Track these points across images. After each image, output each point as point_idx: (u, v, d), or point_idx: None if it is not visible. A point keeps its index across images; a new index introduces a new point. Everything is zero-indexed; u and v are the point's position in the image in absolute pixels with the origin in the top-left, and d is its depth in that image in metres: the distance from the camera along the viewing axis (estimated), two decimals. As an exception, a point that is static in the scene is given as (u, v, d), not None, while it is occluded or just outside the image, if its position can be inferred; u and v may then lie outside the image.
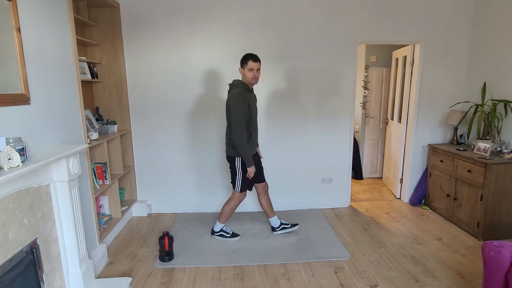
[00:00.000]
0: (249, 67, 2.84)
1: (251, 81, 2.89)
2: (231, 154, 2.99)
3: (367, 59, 4.94)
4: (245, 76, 2.88)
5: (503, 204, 3.05)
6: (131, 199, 3.82)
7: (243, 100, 2.82)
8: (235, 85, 2.91)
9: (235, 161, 2.98)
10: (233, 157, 2.98)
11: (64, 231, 2.14)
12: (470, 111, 3.62)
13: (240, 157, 2.93)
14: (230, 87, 2.95)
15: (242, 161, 2.94)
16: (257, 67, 2.87)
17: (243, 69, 2.88)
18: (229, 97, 2.89)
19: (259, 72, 2.90)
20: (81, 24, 3.16)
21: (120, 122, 3.60)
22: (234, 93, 2.86)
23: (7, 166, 1.54)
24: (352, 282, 2.52)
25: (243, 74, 2.89)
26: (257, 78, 2.89)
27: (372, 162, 5.22)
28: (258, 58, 2.87)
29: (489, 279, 1.91)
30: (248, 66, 2.84)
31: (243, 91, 2.87)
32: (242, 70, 2.89)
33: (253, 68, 2.84)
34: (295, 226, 3.33)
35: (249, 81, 2.88)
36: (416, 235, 3.27)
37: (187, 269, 2.70)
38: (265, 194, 3.22)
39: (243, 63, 2.88)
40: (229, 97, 2.88)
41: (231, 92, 2.91)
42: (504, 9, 3.34)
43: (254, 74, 2.86)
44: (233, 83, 2.94)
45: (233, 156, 2.97)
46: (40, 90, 2.06)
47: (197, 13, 3.47)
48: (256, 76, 2.88)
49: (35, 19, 2.03)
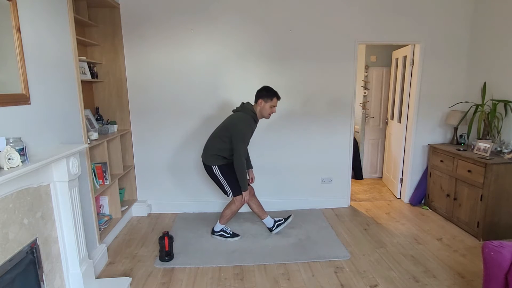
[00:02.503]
0: (272, 104, 2.90)
1: (267, 116, 2.95)
2: (208, 163, 2.99)
3: (367, 59, 4.94)
4: (263, 109, 2.91)
5: (503, 204, 3.05)
6: (131, 199, 3.82)
7: (248, 130, 2.88)
8: (246, 110, 2.92)
9: (213, 170, 2.98)
10: (210, 166, 2.98)
11: (64, 231, 2.14)
12: (470, 111, 3.62)
13: (217, 165, 2.95)
14: (240, 108, 2.96)
15: (219, 167, 2.95)
16: (277, 105, 2.96)
17: (264, 102, 2.90)
18: (236, 120, 2.89)
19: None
20: (81, 24, 3.16)
21: (120, 122, 3.61)
22: (242, 119, 2.88)
23: (7, 166, 1.54)
24: (352, 282, 2.52)
25: (262, 106, 2.91)
26: (271, 114, 2.98)
27: (372, 162, 5.22)
28: (280, 97, 2.96)
29: (489, 279, 1.92)
30: (272, 102, 2.90)
31: (251, 120, 2.90)
32: (261, 102, 2.90)
33: (275, 105, 2.92)
34: (288, 218, 3.32)
35: (266, 116, 2.94)
36: (416, 235, 3.27)
37: (187, 269, 2.70)
38: (253, 197, 3.22)
39: (266, 97, 2.89)
40: (236, 121, 2.88)
41: (239, 115, 2.92)
42: (504, 9, 3.34)
43: (274, 111, 2.94)
44: (245, 107, 2.94)
45: (210, 165, 2.98)
46: (40, 90, 2.06)
47: (197, 13, 3.47)
48: (274, 113, 2.96)
49: (35, 19, 2.03)
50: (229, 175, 2.97)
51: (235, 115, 2.96)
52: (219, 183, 3.03)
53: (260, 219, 3.30)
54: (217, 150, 2.94)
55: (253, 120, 2.92)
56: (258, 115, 2.95)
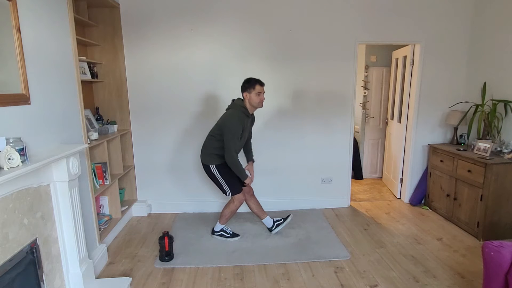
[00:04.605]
0: (257, 91, 2.86)
1: (259, 105, 2.91)
2: (205, 162, 3.00)
3: (367, 59, 4.94)
4: (251, 100, 2.88)
5: (503, 204, 3.05)
6: (131, 199, 3.82)
7: (238, 126, 2.84)
8: (236, 106, 2.91)
9: (210, 169, 2.99)
10: (208, 165, 2.99)
11: (64, 231, 2.14)
12: (470, 111, 3.62)
13: (214, 165, 2.95)
14: (231, 106, 2.97)
15: (217, 166, 2.96)
16: (264, 90, 2.90)
17: (248, 94, 2.87)
18: (226, 117, 2.90)
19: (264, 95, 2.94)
20: (81, 24, 3.16)
21: (120, 122, 3.60)
22: (232, 115, 2.87)
23: (7, 166, 1.54)
24: (352, 282, 2.52)
25: (249, 98, 2.88)
26: (263, 101, 2.92)
27: (372, 162, 5.22)
28: (263, 82, 2.91)
29: (489, 279, 1.91)
30: (256, 90, 2.85)
31: (241, 115, 2.88)
32: (247, 95, 2.88)
33: (260, 91, 2.88)
34: (287, 218, 3.32)
35: (256, 105, 2.91)
36: (416, 235, 3.27)
37: (187, 269, 2.70)
38: (252, 197, 3.22)
39: (248, 88, 2.87)
40: (226, 118, 2.89)
41: (229, 112, 2.93)
42: (504, 9, 3.34)
43: (262, 98, 2.89)
44: (235, 103, 2.94)
45: (208, 164, 2.99)
46: (40, 90, 2.06)
47: (197, 13, 3.47)
48: (263, 100, 2.91)
49: (35, 19, 2.03)
50: (227, 174, 2.98)
51: (226, 113, 2.97)
52: (217, 182, 3.04)
53: (260, 219, 3.30)
54: (213, 149, 2.95)
55: (244, 115, 2.90)
56: (249, 108, 2.93)
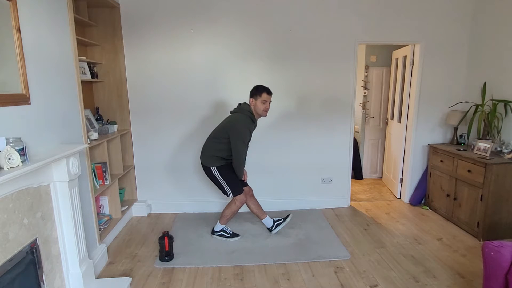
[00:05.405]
0: (263, 99, 2.87)
1: (263, 113, 2.93)
2: (207, 164, 2.99)
3: (367, 59, 4.94)
4: (256, 107, 2.90)
5: (503, 204, 3.05)
6: (131, 199, 3.82)
7: (246, 130, 2.86)
8: (244, 110, 2.92)
9: (211, 171, 2.99)
10: (209, 167, 2.99)
11: (64, 231, 2.14)
12: (470, 111, 3.62)
13: (215, 166, 2.95)
14: (238, 109, 2.96)
15: (218, 168, 2.96)
16: (270, 99, 2.92)
17: (254, 100, 2.90)
18: (233, 121, 2.90)
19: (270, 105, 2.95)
20: (81, 24, 3.16)
21: (120, 122, 3.60)
22: (239, 119, 2.87)
23: (7, 166, 1.54)
24: (352, 282, 2.52)
25: (254, 105, 2.91)
26: (267, 110, 2.93)
27: (372, 162, 5.22)
28: (271, 91, 2.92)
29: (489, 279, 1.91)
30: (262, 98, 2.87)
31: (248, 120, 2.89)
32: (253, 101, 2.91)
33: (266, 100, 2.89)
34: (287, 218, 3.32)
35: (260, 113, 2.92)
36: (416, 235, 3.27)
37: (187, 269, 2.70)
38: (251, 198, 3.22)
39: (255, 94, 2.89)
40: (234, 121, 2.88)
41: (236, 116, 2.92)
42: (504, 9, 3.34)
43: (267, 106, 2.90)
44: (242, 107, 2.94)
45: (209, 166, 2.98)
46: (40, 90, 2.06)
47: (197, 13, 3.47)
48: (268, 109, 2.92)
49: (35, 19, 2.03)
50: (228, 176, 2.97)
51: (233, 116, 2.96)
52: (218, 184, 3.04)
53: (259, 219, 3.30)
54: (215, 151, 2.95)
55: (250, 120, 2.92)
56: (255, 114, 2.95)
